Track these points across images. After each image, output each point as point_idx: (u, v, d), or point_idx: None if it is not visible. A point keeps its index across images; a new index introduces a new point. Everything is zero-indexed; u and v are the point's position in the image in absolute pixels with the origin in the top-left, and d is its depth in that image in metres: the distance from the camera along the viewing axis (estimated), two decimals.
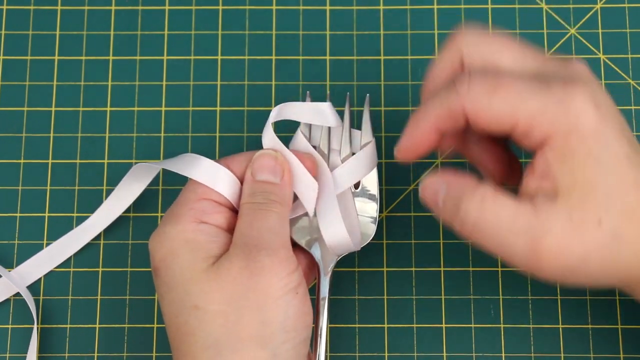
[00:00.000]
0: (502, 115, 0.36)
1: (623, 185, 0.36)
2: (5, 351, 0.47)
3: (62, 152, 0.50)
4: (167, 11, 0.52)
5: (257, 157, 0.41)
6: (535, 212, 0.36)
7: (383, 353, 0.47)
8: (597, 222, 0.35)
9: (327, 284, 0.42)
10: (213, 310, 0.37)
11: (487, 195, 0.36)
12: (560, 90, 0.36)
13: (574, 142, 0.35)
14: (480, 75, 0.37)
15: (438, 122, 0.38)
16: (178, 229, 0.39)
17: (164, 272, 0.38)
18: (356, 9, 0.51)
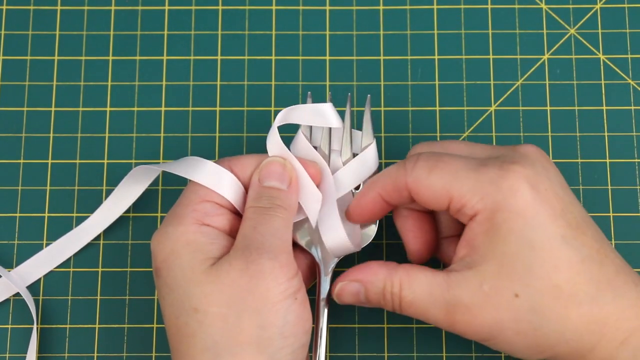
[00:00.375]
0: (438, 191, 0.38)
1: (552, 264, 0.37)
2: (5, 351, 0.47)
3: (62, 152, 0.50)
4: (167, 11, 0.52)
5: (266, 163, 0.41)
6: (447, 283, 0.38)
7: (383, 353, 0.47)
8: (513, 294, 0.37)
9: (327, 284, 0.42)
10: (213, 312, 0.37)
11: (403, 279, 0.39)
12: (495, 171, 0.38)
13: (499, 218, 0.37)
14: (426, 155, 0.40)
15: (384, 193, 0.40)
16: (180, 230, 0.39)
17: (166, 272, 0.38)
18: (356, 9, 0.51)
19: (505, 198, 0.37)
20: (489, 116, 0.50)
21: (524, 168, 0.38)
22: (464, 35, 0.51)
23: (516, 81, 0.50)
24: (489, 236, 0.37)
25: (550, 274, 0.37)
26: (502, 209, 0.37)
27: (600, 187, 0.49)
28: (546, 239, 0.37)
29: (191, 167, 0.41)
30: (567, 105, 0.50)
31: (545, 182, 0.38)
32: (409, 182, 0.39)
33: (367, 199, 0.41)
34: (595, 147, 0.49)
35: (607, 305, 0.37)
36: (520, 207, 0.37)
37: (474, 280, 0.38)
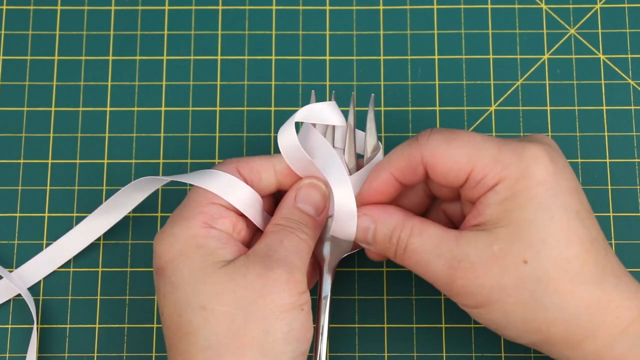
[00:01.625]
0: (459, 161, 0.38)
1: (566, 237, 0.37)
2: (5, 351, 0.47)
3: (62, 152, 0.50)
4: (167, 11, 0.52)
5: (306, 185, 0.41)
6: (457, 239, 0.38)
7: (383, 353, 0.47)
8: (522, 260, 0.37)
9: (329, 283, 0.42)
10: (221, 311, 0.37)
11: (416, 226, 0.39)
12: (515, 143, 0.38)
13: (520, 186, 0.37)
14: (439, 129, 0.39)
15: (397, 173, 0.40)
16: (189, 233, 0.39)
17: (171, 272, 0.38)
18: (356, 9, 0.51)
19: (528, 166, 0.37)
20: (489, 116, 0.50)
21: (542, 145, 0.38)
22: (464, 35, 0.51)
23: (516, 81, 0.50)
24: (504, 204, 0.37)
25: (562, 247, 0.37)
26: (524, 176, 0.37)
27: (600, 187, 0.49)
28: (564, 212, 0.37)
29: (203, 177, 0.40)
30: (567, 105, 0.50)
31: (561, 161, 0.38)
32: (425, 156, 0.39)
33: (380, 181, 0.40)
34: (595, 147, 0.49)
35: (610, 290, 0.37)
36: (543, 176, 0.37)
37: (485, 239, 0.37)
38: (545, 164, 0.37)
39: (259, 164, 0.41)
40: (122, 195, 0.45)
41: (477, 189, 0.38)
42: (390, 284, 0.47)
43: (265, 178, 0.41)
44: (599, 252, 0.37)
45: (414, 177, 0.40)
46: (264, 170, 0.41)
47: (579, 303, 0.37)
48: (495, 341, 0.47)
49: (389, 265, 0.48)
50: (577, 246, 0.37)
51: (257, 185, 0.41)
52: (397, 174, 0.40)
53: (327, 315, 0.41)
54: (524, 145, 0.38)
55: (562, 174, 0.38)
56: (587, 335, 0.37)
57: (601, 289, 0.37)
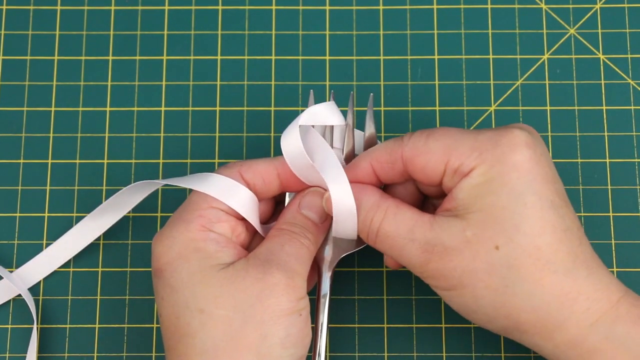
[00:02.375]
0: (436, 153, 0.38)
1: (539, 224, 0.37)
2: (5, 351, 0.47)
3: (62, 152, 0.50)
4: (167, 11, 0.52)
5: (311, 192, 0.41)
6: (431, 223, 0.38)
7: (383, 353, 0.47)
8: (493, 246, 0.37)
9: (328, 281, 0.42)
10: (218, 314, 0.37)
11: (390, 208, 0.39)
12: (493, 131, 0.38)
13: (495, 172, 0.37)
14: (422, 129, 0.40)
15: (377, 165, 0.40)
16: (187, 235, 0.39)
17: (169, 274, 0.38)
18: (356, 9, 0.51)
19: (504, 153, 0.37)
20: (489, 116, 0.50)
21: (520, 132, 0.38)
22: (464, 35, 0.51)
23: (516, 81, 0.50)
24: (477, 189, 0.37)
25: (534, 235, 0.37)
26: (499, 162, 0.37)
27: (600, 187, 0.49)
28: (537, 199, 0.37)
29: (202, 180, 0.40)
30: (567, 105, 0.50)
31: (540, 148, 0.38)
32: (404, 152, 0.39)
33: (359, 169, 0.41)
34: (595, 147, 0.49)
35: (580, 281, 0.37)
36: (518, 162, 0.37)
37: (458, 225, 0.37)
38: (521, 150, 0.37)
39: (262, 167, 0.41)
40: (121, 196, 0.45)
41: (454, 178, 0.38)
42: (390, 284, 0.47)
43: (268, 181, 0.41)
44: (572, 242, 0.37)
45: (392, 171, 0.40)
46: (267, 173, 0.41)
47: (548, 292, 0.37)
48: (495, 341, 0.47)
49: None
50: (549, 234, 0.37)
51: (260, 189, 0.41)
52: (376, 166, 0.40)
53: (327, 313, 0.41)
54: (501, 132, 0.38)
55: (538, 162, 0.38)
56: (557, 326, 0.37)
57: (572, 279, 0.37)
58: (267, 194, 0.42)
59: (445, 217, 0.38)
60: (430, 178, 0.39)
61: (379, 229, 0.39)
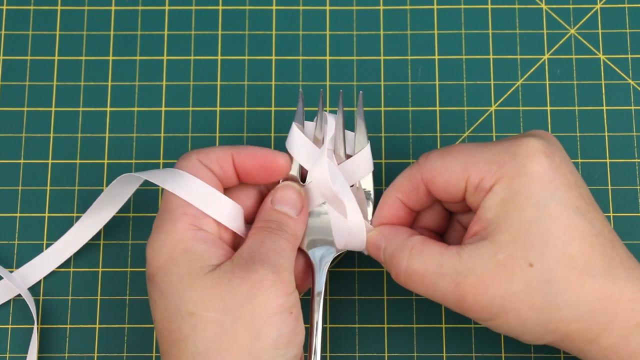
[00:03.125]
0: (455, 171, 0.38)
1: (567, 233, 0.36)
2: (5, 351, 0.47)
3: (62, 152, 0.50)
4: (167, 11, 0.52)
5: (282, 187, 0.41)
6: (460, 254, 0.37)
7: (383, 353, 0.47)
8: (527, 263, 0.36)
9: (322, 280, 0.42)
10: (208, 317, 0.37)
11: (416, 246, 0.39)
12: (508, 143, 0.38)
13: (517, 185, 0.37)
14: (437, 149, 0.40)
15: (401, 195, 0.40)
16: (175, 237, 0.39)
17: (160, 279, 0.38)
18: (356, 9, 0.51)
19: (522, 164, 0.37)
20: (489, 116, 0.50)
21: (537, 140, 0.38)
22: (464, 35, 0.51)
23: (516, 81, 0.50)
24: (505, 205, 0.37)
25: (565, 244, 0.36)
26: (520, 174, 0.37)
27: (601, 187, 0.49)
28: (562, 208, 0.37)
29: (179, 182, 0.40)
30: (567, 105, 0.50)
31: (559, 154, 0.38)
32: (423, 174, 0.39)
33: (387, 206, 0.41)
34: (595, 147, 0.49)
35: (620, 282, 0.37)
36: (538, 173, 0.37)
37: (488, 249, 0.37)
38: (539, 159, 0.37)
39: (218, 153, 0.41)
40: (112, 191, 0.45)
41: (477, 195, 0.38)
42: (390, 284, 0.47)
43: (226, 168, 0.41)
44: (604, 245, 0.37)
45: (418, 196, 0.40)
46: (223, 159, 0.41)
47: (591, 297, 0.36)
48: (495, 341, 0.47)
49: None
50: (579, 241, 0.37)
51: (218, 175, 0.41)
52: (402, 197, 0.40)
53: (321, 312, 0.41)
54: (517, 142, 0.38)
55: (558, 169, 0.37)
56: (603, 329, 0.37)
57: (611, 282, 0.37)
58: (228, 182, 0.41)
59: (472, 244, 0.38)
60: (453, 196, 0.39)
61: (407, 267, 0.39)
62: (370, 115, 0.50)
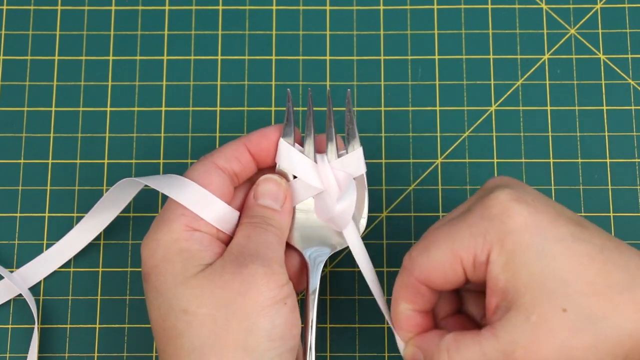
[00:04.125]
0: (446, 262, 0.37)
1: (577, 264, 0.36)
2: (6, 351, 0.47)
3: (62, 152, 0.50)
4: (167, 11, 0.52)
5: (262, 181, 0.41)
6: (495, 335, 0.36)
7: (383, 353, 0.47)
8: (560, 310, 0.36)
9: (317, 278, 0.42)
10: (202, 313, 0.37)
11: (451, 346, 0.38)
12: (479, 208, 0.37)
13: (509, 245, 0.36)
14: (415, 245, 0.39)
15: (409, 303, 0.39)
16: (171, 237, 0.39)
17: (155, 277, 0.39)
18: (356, 9, 0.51)
19: (503, 223, 0.36)
20: (489, 116, 0.50)
21: (502, 192, 0.37)
22: (464, 35, 0.51)
23: (516, 81, 0.50)
24: (509, 269, 0.36)
25: (580, 275, 0.36)
26: (506, 234, 0.36)
27: (601, 187, 0.49)
28: (560, 243, 0.36)
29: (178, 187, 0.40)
30: (567, 105, 0.50)
31: (529, 196, 0.37)
32: (417, 277, 0.38)
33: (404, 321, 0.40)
34: (595, 147, 0.49)
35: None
36: (521, 224, 0.36)
37: (519, 317, 0.36)
38: (517, 210, 0.36)
39: (232, 149, 0.41)
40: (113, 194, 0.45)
41: (478, 270, 0.37)
42: (390, 284, 0.47)
43: (244, 161, 0.41)
44: (614, 258, 0.36)
45: (424, 298, 0.39)
46: (240, 153, 0.41)
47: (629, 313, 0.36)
48: None
49: (389, 265, 0.48)
50: (590, 264, 0.36)
51: (238, 171, 0.41)
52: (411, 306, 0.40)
53: (316, 310, 0.41)
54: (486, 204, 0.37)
55: (537, 209, 0.37)
56: None
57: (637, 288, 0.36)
58: (248, 173, 0.42)
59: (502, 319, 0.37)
60: (456, 283, 0.38)
61: None
62: (370, 115, 0.50)
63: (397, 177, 0.49)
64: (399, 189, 0.49)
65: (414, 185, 0.49)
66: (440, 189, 0.49)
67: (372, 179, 0.49)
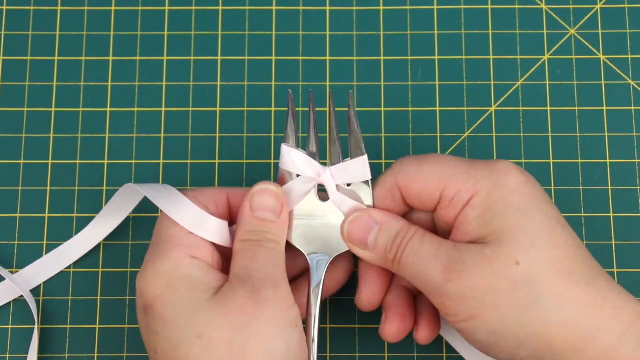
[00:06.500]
0: (431, 180, 0.39)
1: (552, 239, 0.37)
2: (5, 352, 0.47)
3: (62, 152, 0.50)
4: (167, 11, 0.52)
5: (258, 192, 0.41)
6: (455, 245, 0.38)
7: (383, 353, 0.47)
8: (514, 261, 0.37)
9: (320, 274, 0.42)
10: (218, 337, 0.37)
11: (419, 231, 0.39)
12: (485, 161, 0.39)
13: (495, 197, 0.38)
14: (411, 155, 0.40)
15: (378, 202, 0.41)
16: (171, 265, 0.38)
17: (161, 306, 0.38)
18: (356, 9, 0.51)
19: (500, 177, 0.38)
20: (489, 116, 0.50)
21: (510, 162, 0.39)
22: (464, 35, 0.51)
23: (516, 81, 0.50)
24: (484, 216, 0.38)
25: (551, 248, 0.37)
26: (498, 187, 0.38)
27: (601, 187, 0.49)
28: (544, 216, 0.37)
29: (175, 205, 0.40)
30: (567, 106, 0.50)
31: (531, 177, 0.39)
32: (398, 179, 0.40)
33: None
34: (595, 148, 0.49)
35: (604, 291, 0.37)
36: (515, 185, 0.38)
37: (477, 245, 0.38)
38: (516, 174, 0.38)
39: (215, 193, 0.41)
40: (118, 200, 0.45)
41: (452, 207, 0.39)
42: None
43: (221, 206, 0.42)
44: (586, 256, 0.38)
45: (394, 203, 0.40)
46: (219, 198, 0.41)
47: (575, 303, 0.36)
48: None
49: None
50: (564, 248, 0.37)
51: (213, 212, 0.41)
52: (379, 204, 0.41)
53: (319, 305, 0.41)
54: (494, 161, 0.39)
55: (534, 185, 0.38)
56: (589, 338, 0.36)
57: (595, 289, 0.37)
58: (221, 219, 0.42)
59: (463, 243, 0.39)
60: (424, 205, 0.40)
61: (407, 246, 0.39)
62: (370, 115, 0.50)
63: None
64: None
65: None
66: None
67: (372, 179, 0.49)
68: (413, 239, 0.39)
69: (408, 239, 0.39)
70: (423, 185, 0.39)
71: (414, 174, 0.39)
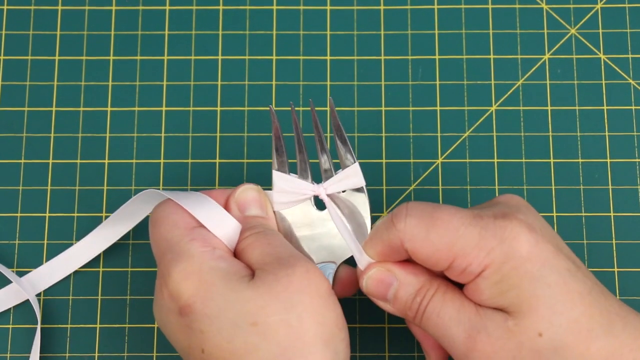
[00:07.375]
0: (440, 249, 0.37)
1: (568, 298, 0.37)
2: (7, 351, 0.47)
3: (62, 152, 0.50)
4: (167, 11, 0.52)
5: (242, 192, 0.41)
6: (477, 309, 0.38)
7: (383, 353, 0.47)
8: (537, 333, 0.36)
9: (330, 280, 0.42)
10: (274, 321, 0.36)
11: (440, 288, 0.39)
12: (492, 223, 0.37)
13: (507, 268, 0.37)
14: (417, 211, 0.38)
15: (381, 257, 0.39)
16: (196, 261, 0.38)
17: (201, 304, 0.37)
18: (356, 9, 0.51)
19: (511, 247, 0.37)
20: (490, 116, 0.50)
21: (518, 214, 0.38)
22: (465, 35, 0.51)
23: (517, 81, 0.50)
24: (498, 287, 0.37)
25: (569, 309, 0.36)
26: (509, 258, 0.37)
27: (601, 187, 0.49)
28: (558, 275, 0.37)
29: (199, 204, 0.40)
30: (567, 105, 0.50)
31: (537, 223, 0.38)
32: (405, 243, 0.38)
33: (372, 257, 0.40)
34: (595, 147, 0.49)
35: (620, 335, 0.37)
36: (526, 251, 0.37)
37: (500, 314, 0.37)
38: (526, 238, 0.37)
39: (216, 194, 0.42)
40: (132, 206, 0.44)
41: (462, 276, 0.38)
42: None
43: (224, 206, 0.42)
44: (600, 301, 0.37)
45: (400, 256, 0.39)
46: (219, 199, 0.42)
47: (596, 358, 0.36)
48: None
49: None
50: (580, 304, 0.37)
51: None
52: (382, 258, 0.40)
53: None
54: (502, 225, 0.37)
55: (543, 239, 0.37)
56: None
57: (612, 337, 0.37)
58: None
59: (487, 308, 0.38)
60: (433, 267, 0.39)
61: (428, 306, 0.38)
62: (371, 114, 0.50)
63: (398, 177, 0.49)
64: (400, 189, 0.49)
65: (414, 185, 0.49)
66: (441, 189, 0.49)
67: (372, 179, 0.49)
68: (434, 298, 0.38)
69: (429, 298, 0.38)
70: (431, 254, 0.38)
71: (422, 241, 0.38)
